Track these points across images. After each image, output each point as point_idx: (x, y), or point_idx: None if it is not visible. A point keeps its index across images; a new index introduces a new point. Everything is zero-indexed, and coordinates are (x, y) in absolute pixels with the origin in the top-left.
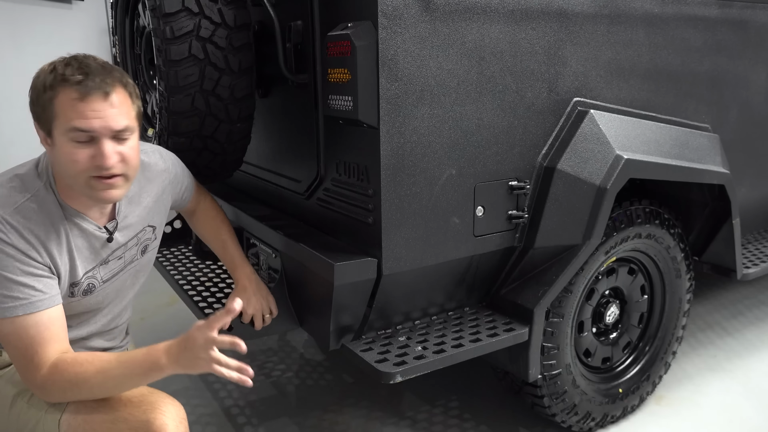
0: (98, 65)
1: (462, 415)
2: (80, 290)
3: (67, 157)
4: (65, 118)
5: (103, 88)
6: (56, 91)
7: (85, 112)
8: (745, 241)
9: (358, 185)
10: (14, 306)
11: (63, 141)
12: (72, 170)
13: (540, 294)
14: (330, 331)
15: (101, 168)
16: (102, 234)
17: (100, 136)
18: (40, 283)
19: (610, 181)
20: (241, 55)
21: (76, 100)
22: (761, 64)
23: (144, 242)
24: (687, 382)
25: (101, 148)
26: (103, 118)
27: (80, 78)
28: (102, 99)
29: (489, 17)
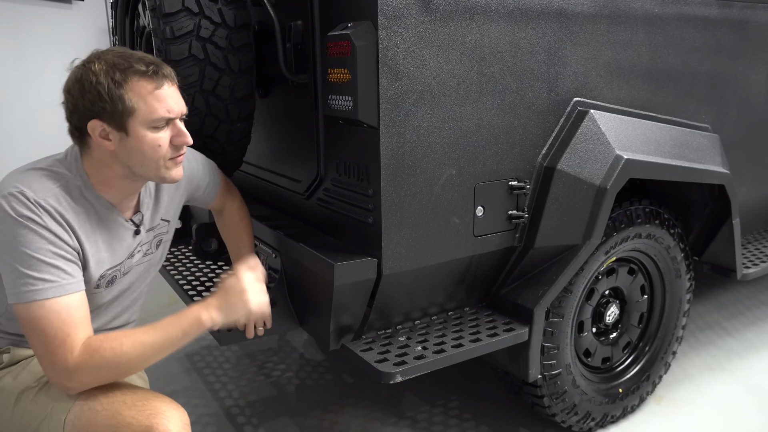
0: (145, 55)
1: (462, 415)
2: (105, 281)
3: (151, 145)
4: (148, 108)
5: (169, 75)
6: (131, 84)
7: (165, 98)
8: (745, 241)
9: (358, 185)
10: (45, 288)
11: (144, 131)
12: (156, 155)
13: (540, 294)
14: (330, 331)
15: (179, 147)
16: (130, 226)
17: (173, 118)
18: (69, 266)
19: (610, 181)
20: (241, 55)
21: (154, 88)
22: (761, 64)
23: (159, 236)
24: (687, 382)
25: (179, 129)
26: (177, 102)
27: (145, 69)
28: (170, 84)
29: (489, 17)
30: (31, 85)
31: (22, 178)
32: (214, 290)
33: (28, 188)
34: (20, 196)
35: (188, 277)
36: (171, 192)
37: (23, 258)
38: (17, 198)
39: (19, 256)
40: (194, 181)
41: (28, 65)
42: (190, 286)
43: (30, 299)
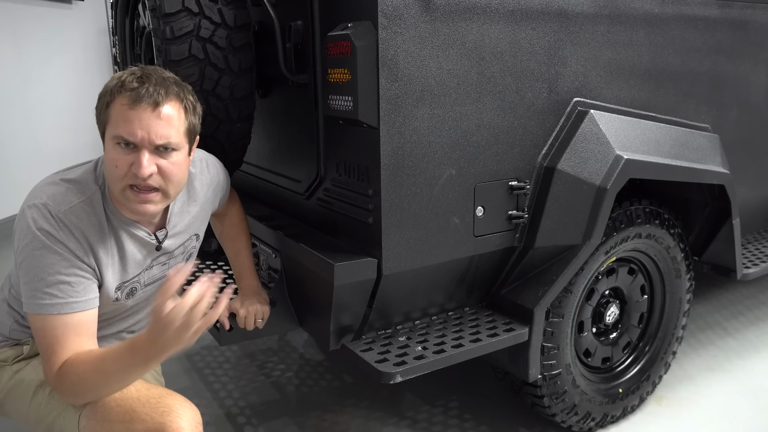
0: (159, 77)
1: (462, 415)
2: (124, 294)
3: (110, 161)
4: (114, 123)
5: (154, 98)
6: (114, 96)
7: (132, 119)
8: (745, 241)
9: (358, 185)
10: (49, 304)
11: (110, 145)
12: (112, 175)
13: (540, 294)
14: (330, 331)
15: (137, 177)
16: (152, 241)
17: (140, 146)
18: (80, 285)
19: (610, 181)
20: (241, 55)
21: (125, 107)
22: (761, 64)
23: (189, 250)
24: (687, 382)
25: (139, 157)
26: (146, 129)
27: (135, 86)
28: (150, 109)
29: (489, 17)
30: (31, 85)
31: (48, 189)
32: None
33: (52, 201)
34: (43, 208)
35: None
36: (200, 206)
37: (36, 271)
38: (40, 210)
39: (33, 268)
40: (218, 190)
41: (28, 65)
42: None
43: (35, 311)
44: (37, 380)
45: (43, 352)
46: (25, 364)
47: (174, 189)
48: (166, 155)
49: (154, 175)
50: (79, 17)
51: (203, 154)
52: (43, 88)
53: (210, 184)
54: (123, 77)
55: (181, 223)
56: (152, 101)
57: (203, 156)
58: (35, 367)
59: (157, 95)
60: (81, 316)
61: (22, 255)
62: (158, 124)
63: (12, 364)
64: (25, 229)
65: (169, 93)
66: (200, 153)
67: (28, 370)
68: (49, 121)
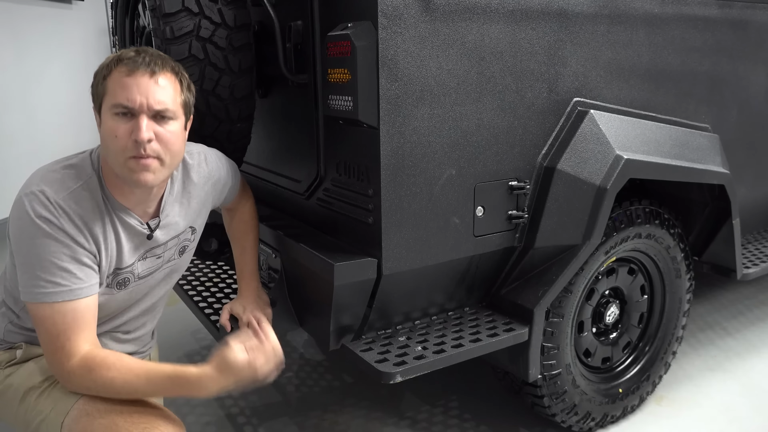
0: (156, 52)
1: (462, 415)
2: (115, 282)
3: (109, 133)
4: (112, 92)
5: (151, 67)
6: (110, 69)
7: (130, 85)
8: (745, 241)
9: (358, 185)
10: (54, 292)
11: (107, 117)
12: (112, 147)
13: (540, 294)
14: (330, 331)
15: (138, 144)
16: (144, 230)
17: (139, 112)
18: (82, 271)
19: (610, 181)
20: (241, 55)
21: (123, 74)
22: (761, 64)
23: (183, 242)
24: (687, 382)
25: (138, 122)
26: (144, 94)
27: (132, 55)
28: (148, 76)
29: (489, 17)
30: (31, 85)
31: (46, 176)
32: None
33: (50, 187)
34: (41, 195)
35: (188, 277)
36: (198, 199)
37: (37, 259)
38: (37, 197)
39: (34, 256)
40: (219, 185)
41: (28, 65)
42: (190, 287)
43: (39, 300)
44: (25, 385)
45: (52, 341)
46: (16, 368)
47: (171, 159)
48: (164, 123)
49: (152, 141)
50: (79, 17)
51: (203, 148)
52: (43, 88)
53: (209, 177)
54: (119, 53)
55: (175, 213)
56: (149, 69)
57: (202, 149)
58: (24, 372)
59: (154, 65)
60: (88, 301)
61: (20, 244)
62: (156, 90)
63: (4, 368)
64: (22, 218)
65: (166, 64)
66: (199, 147)
67: (18, 374)
68: (49, 121)
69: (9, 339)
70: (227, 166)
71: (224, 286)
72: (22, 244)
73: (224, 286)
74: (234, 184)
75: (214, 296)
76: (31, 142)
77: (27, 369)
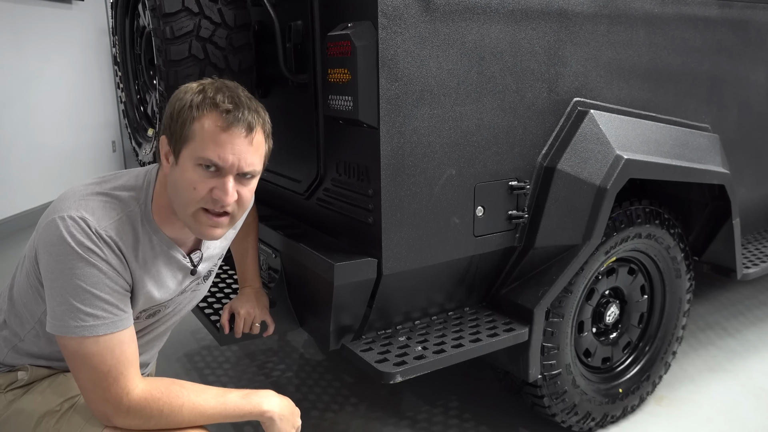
0: (246, 98)
1: (462, 415)
2: (146, 314)
3: (187, 183)
4: (202, 143)
5: (250, 124)
6: (202, 113)
7: (225, 144)
8: (745, 241)
9: (358, 185)
10: (97, 325)
11: (189, 165)
12: (187, 197)
13: (540, 294)
14: (330, 331)
15: (217, 202)
16: (187, 264)
17: (228, 173)
18: (122, 302)
19: (610, 181)
20: (241, 55)
21: (219, 129)
22: (761, 64)
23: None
24: (687, 382)
25: (225, 183)
26: (237, 155)
27: (230, 107)
28: (244, 135)
29: (489, 17)
30: (31, 85)
31: (85, 202)
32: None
33: (91, 215)
34: (82, 223)
35: None
36: (237, 227)
37: (77, 291)
38: (78, 225)
39: (73, 288)
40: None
41: (27, 65)
42: None
43: (80, 334)
44: (40, 411)
45: (102, 379)
46: (22, 392)
47: (241, 215)
48: (246, 182)
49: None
50: (79, 17)
51: None
52: (43, 88)
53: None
54: (209, 93)
55: (215, 245)
56: (247, 127)
57: None
58: (37, 395)
59: (252, 120)
60: (131, 332)
61: (56, 272)
62: (249, 151)
63: (5, 392)
64: (58, 244)
65: (259, 118)
66: None
67: (28, 399)
68: (49, 121)
69: (9, 362)
70: None
71: (224, 286)
72: (57, 274)
73: (224, 286)
74: None
75: (214, 296)
76: (31, 142)
77: (38, 392)
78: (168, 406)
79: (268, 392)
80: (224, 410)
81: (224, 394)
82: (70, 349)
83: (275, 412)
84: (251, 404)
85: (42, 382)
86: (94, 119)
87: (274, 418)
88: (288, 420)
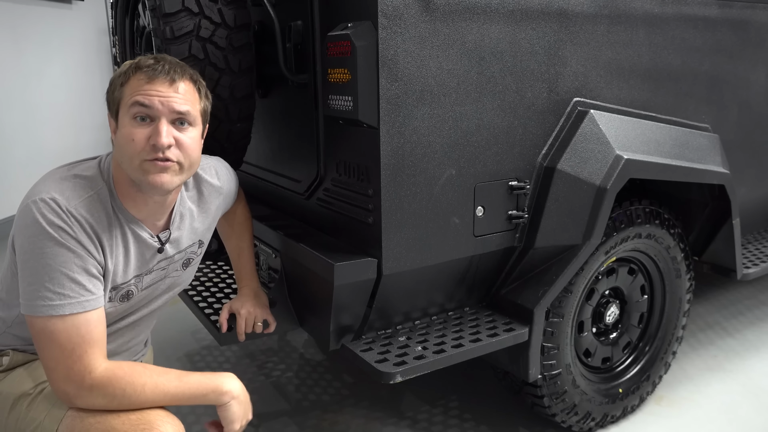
0: (176, 61)
1: (462, 415)
2: (118, 295)
3: (126, 137)
4: (131, 97)
5: (171, 74)
6: (128, 77)
7: (149, 90)
8: (745, 241)
9: (358, 185)
10: (64, 304)
11: (125, 121)
12: (129, 151)
13: (540, 294)
14: (330, 331)
15: (156, 147)
16: (154, 243)
17: (159, 116)
18: (91, 282)
19: (610, 181)
20: (241, 55)
21: (142, 81)
22: (761, 64)
23: (189, 255)
24: (687, 382)
25: (158, 126)
26: (164, 98)
27: (151, 62)
28: (168, 83)
29: (489, 17)
30: (31, 85)
31: (56, 183)
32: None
33: (61, 195)
34: (52, 203)
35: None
36: (207, 213)
37: (46, 270)
38: (48, 205)
39: (42, 268)
40: (228, 198)
41: (27, 65)
42: (190, 287)
43: (47, 313)
44: (16, 392)
45: (67, 357)
46: (3, 376)
47: (189, 165)
48: (183, 129)
49: (172, 147)
50: (79, 17)
51: (213, 161)
52: (43, 88)
53: (220, 191)
54: (137, 60)
55: (185, 226)
56: (169, 77)
57: (213, 163)
58: (13, 379)
59: (173, 72)
60: (99, 312)
61: (28, 253)
62: (176, 96)
63: None
64: (31, 225)
65: (185, 72)
66: (211, 160)
67: (6, 382)
68: (49, 121)
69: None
70: (234, 178)
71: (224, 286)
72: (29, 254)
73: (224, 286)
74: (236, 192)
75: (214, 296)
76: (31, 142)
77: (16, 375)
78: (131, 385)
79: (230, 375)
80: (187, 389)
81: (187, 374)
82: (36, 327)
83: (234, 395)
84: (213, 383)
85: (21, 367)
86: (94, 119)
87: (232, 401)
88: (243, 405)
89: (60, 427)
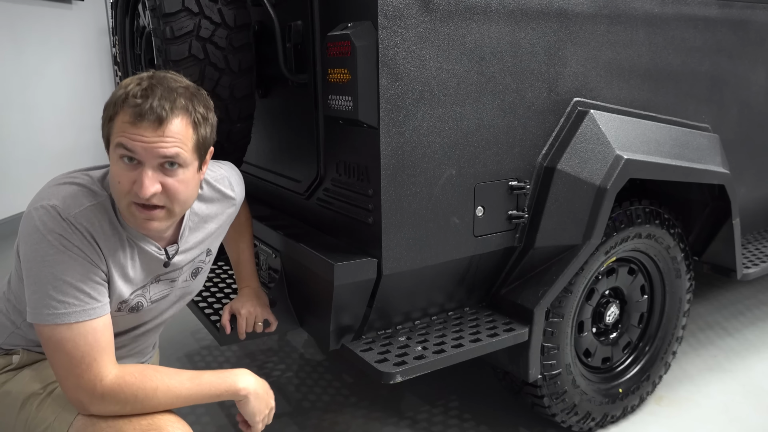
0: (167, 87)
1: (462, 415)
2: (127, 307)
3: (114, 177)
4: (117, 137)
5: (158, 113)
6: (116, 109)
7: (133, 135)
8: (745, 241)
9: (358, 185)
10: (69, 313)
11: (114, 158)
12: (116, 191)
13: (540, 294)
14: (330, 331)
15: (137, 196)
16: (161, 257)
17: (144, 161)
18: (95, 290)
19: (610, 181)
20: (241, 55)
21: (127, 123)
22: (761, 64)
23: (197, 264)
24: (687, 382)
25: (141, 174)
26: (147, 144)
27: (139, 101)
28: (154, 126)
29: (489, 17)
30: (31, 85)
31: (57, 192)
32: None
33: (61, 203)
34: (52, 211)
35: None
36: (218, 223)
37: (49, 279)
38: (49, 213)
39: (45, 276)
40: (238, 207)
41: (27, 65)
42: None
43: (53, 322)
44: (25, 392)
45: (76, 365)
46: (12, 375)
47: (180, 207)
48: (172, 172)
49: (157, 194)
50: (79, 17)
51: (226, 170)
52: (43, 88)
53: (233, 203)
54: (129, 87)
55: (195, 239)
56: (155, 118)
57: (226, 173)
58: (23, 379)
59: (161, 110)
60: (106, 320)
61: (30, 261)
62: (162, 142)
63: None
64: (32, 233)
65: (175, 107)
66: (224, 169)
67: (16, 381)
68: (49, 121)
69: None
70: (243, 185)
71: (224, 286)
72: (32, 263)
73: (224, 286)
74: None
75: (214, 296)
76: (31, 142)
77: (25, 375)
78: (142, 390)
79: (244, 371)
80: (200, 390)
81: (199, 375)
82: (44, 336)
83: (250, 390)
84: (226, 383)
85: (30, 366)
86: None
87: (249, 396)
88: (263, 399)
89: (70, 430)
